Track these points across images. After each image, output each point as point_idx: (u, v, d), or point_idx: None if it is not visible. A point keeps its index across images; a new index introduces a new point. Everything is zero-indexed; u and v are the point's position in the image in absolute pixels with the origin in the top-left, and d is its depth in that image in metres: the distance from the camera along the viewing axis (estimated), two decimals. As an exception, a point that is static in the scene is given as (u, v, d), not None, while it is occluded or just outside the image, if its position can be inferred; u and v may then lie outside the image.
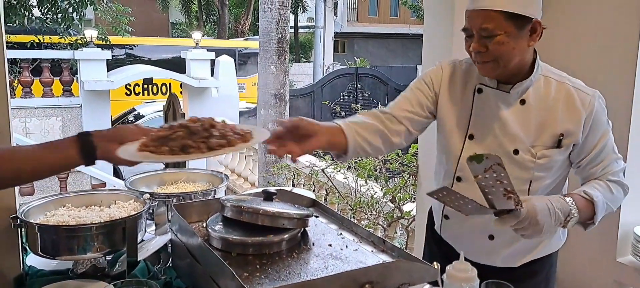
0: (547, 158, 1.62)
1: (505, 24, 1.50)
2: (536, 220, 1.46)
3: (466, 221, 1.70)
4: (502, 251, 1.75)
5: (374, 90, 12.70)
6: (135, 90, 12.58)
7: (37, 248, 1.62)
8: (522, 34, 1.53)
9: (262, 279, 1.41)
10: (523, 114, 1.63)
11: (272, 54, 5.03)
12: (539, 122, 1.62)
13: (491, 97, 1.65)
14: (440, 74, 1.76)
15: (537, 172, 1.64)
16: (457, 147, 1.71)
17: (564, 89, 1.62)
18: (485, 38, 1.52)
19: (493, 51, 1.53)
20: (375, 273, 1.38)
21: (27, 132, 8.09)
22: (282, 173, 4.48)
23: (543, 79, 1.64)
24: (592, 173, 1.67)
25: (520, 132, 1.63)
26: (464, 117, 1.70)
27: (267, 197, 1.77)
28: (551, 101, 1.62)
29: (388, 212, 3.22)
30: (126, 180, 2.09)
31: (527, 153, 1.62)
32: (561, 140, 1.60)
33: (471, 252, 1.71)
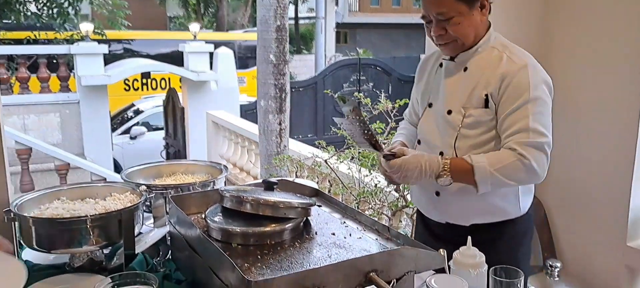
0: (473, 117, 1.76)
1: (456, 6, 1.68)
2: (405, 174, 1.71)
3: None
4: (449, 208, 1.87)
5: (377, 80, 12.61)
6: (134, 85, 12.55)
7: (32, 242, 1.58)
8: (474, 11, 1.71)
9: (263, 269, 1.36)
10: (464, 79, 1.79)
11: (270, 43, 4.95)
12: (472, 85, 1.77)
13: (445, 69, 1.86)
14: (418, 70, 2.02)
15: (464, 130, 1.78)
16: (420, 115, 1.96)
17: (499, 56, 1.75)
18: (443, 21, 1.70)
19: (452, 33, 1.72)
20: (379, 261, 1.34)
21: (26, 129, 8.05)
22: (284, 166, 4.43)
23: (490, 49, 1.78)
24: (503, 133, 1.72)
25: (456, 95, 1.80)
26: (426, 89, 1.94)
27: (267, 187, 1.72)
28: (484, 67, 1.76)
29: (392, 201, 3.17)
30: (122, 172, 2.04)
31: (459, 113, 1.78)
32: (487, 100, 1.73)
33: (424, 207, 1.98)
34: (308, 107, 11.68)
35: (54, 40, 9.95)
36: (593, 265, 2.55)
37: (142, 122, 10.57)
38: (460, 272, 1.35)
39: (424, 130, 1.92)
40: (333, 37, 20.88)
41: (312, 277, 1.26)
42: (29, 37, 9.87)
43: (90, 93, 8.41)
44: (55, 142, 8.12)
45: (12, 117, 7.98)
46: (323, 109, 11.58)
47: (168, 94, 8.27)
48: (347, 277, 1.29)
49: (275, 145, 5.15)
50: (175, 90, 8.30)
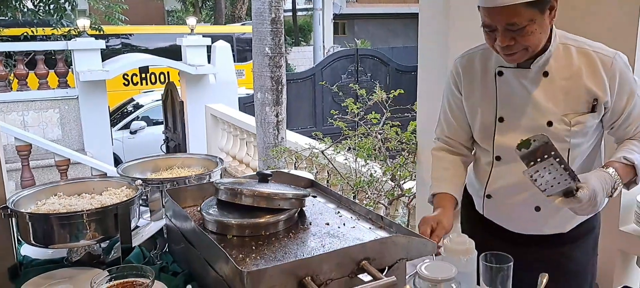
0: (582, 124, 1.62)
1: (530, 13, 1.48)
2: (595, 202, 1.47)
3: (511, 198, 1.75)
4: (549, 221, 1.75)
5: (375, 71, 12.59)
6: (133, 80, 12.54)
7: (29, 238, 1.60)
8: (545, 16, 1.52)
9: (258, 260, 1.39)
10: (548, 85, 1.63)
11: (266, 36, 4.95)
12: (565, 90, 1.62)
13: (513, 77, 1.66)
14: (454, 75, 1.80)
15: (574, 140, 1.64)
16: (490, 131, 1.73)
17: (584, 53, 1.61)
18: (513, 31, 1.50)
19: (523, 42, 1.52)
20: (372, 249, 1.36)
21: (25, 125, 8.06)
22: (282, 157, 4.45)
23: (562, 47, 1.63)
24: (627, 132, 1.67)
25: (550, 104, 1.63)
26: (490, 101, 1.71)
27: (262, 179, 1.74)
28: (574, 68, 1.61)
29: (388, 190, 3.19)
30: (119, 167, 2.06)
31: (561, 123, 1.62)
32: (595, 105, 1.60)
33: (517, 225, 1.79)
34: (306, 99, 11.68)
35: (51, 36, 9.93)
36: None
37: (141, 117, 10.57)
38: (451, 259, 1.37)
39: (509, 147, 1.60)
40: (331, 29, 20.80)
41: (305, 266, 1.28)
42: (27, 33, 9.85)
43: (89, 88, 8.40)
44: (55, 138, 8.13)
45: (11, 113, 7.99)
46: (322, 100, 11.58)
47: (167, 88, 8.25)
48: (339, 266, 1.32)
49: (273, 136, 5.17)
50: (174, 84, 8.28)
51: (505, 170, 1.72)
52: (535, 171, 1.38)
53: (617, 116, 1.65)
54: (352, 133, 3.45)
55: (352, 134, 3.44)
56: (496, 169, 1.75)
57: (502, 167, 1.73)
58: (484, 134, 1.75)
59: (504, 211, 1.80)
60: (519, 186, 1.69)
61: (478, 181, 1.84)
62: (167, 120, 8.32)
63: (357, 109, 3.50)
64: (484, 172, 1.79)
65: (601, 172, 1.55)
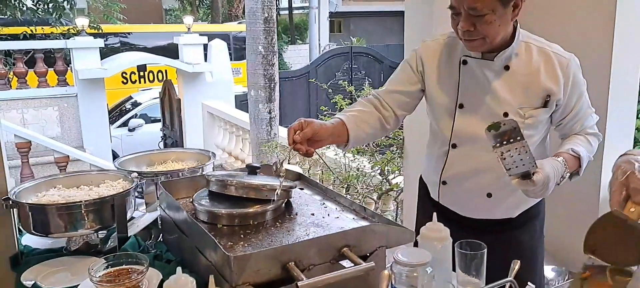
0: (534, 118, 1.74)
1: (492, 3, 1.58)
2: (547, 185, 1.59)
3: (465, 184, 1.85)
4: (499, 206, 1.86)
5: (369, 68, 12.68)
6: (131, 78, 12.60)
7: (30, 228, 1.68)
8: (507, 11, 1.62)
9: (246, 247, 1.46)
10: (508, 79, 1.74)
11: (259, 35, 5.04)
12: (524, 85, 1.73)
13: (476, 67, 1.75)
14: (416, 58, 1.86)
15: (526, 131, 1.70)
16: (449, 117, 1.82)
17: (544, 53, 1.74)
18: (474, 17, 1.60)
19: (481, 30, 1.61)
20: (352, 237, 1.44)
21: (25, 123, 8.13)
22: (274, 152, 4.53)
23: (524, 45, 1.74)
24: (573, 129, 1.82)
25: (508, 96, 1.73)
26: (452, 88, 1.80)
27: (251, 171, 1.82)
28: (533, 65, 1.72)
29: (377, 184, 3.28)
30: (115, 161, 2.14)
31: (516, 115, 1.72)
32: (548, 100, 1.72)
33: (470, 210, 1.90)
34: (301, 97, 11.78)
35: (50, 35, 10.00)
36: (567, 242, 2.65)
37: (139, 114, 10.65)
38: (426, 245, 1.44)
39: (466, 133, 1.79)
40: (327, 27, 20.82)
41: (289, 252, 1.36)
42: (26, 32, 9.91)
43: (88, 86, 8.48)
44: (54, 135, 8.21)
45: (11, 111, 8.07)
46: (316, 98, 11.66)
47: (164, 85, 8.34)
48: (321, 252, 1.40)
49: (266, 133, 5.27)
50: (171, 81, 8.37)
51: (461, 156, 1.82)
52: (506, 150, 1.47)
53: (566, 113, 1.78)
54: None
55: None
56: (452, 156, 1.84)
57: (458, 153, 1.83)
58: (442, 118, 1.84)
59: (458, 197, 1.90)
60: (474, 172, 1.81)
61: (433, 168, 1.93)
62: (164, 117, 8.40)
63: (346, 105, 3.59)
64: (440, 159, 1.88)
65: (553, 160, 1.67)
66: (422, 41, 1.90)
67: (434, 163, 1.93)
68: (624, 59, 2.41)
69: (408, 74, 1.88)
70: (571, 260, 2.62)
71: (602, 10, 2.39)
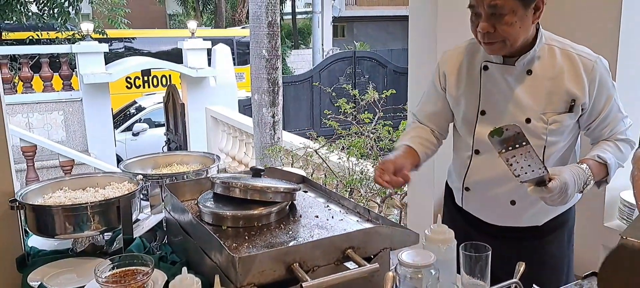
0: (559, 123, 1.68)
1: (512, 3, 1.54)
2: (565, 193, 1.53)
3: (488, 191, 1.82)
4: (524, 213, 1.81)
5: (373, 73, 12.71)
6: (136, 82, 12.67)
7: (36, 229, 1.69)
8: (528, 13, 1.57)
9: (250, 249, 1.47)
10: (531, 83, 1.69)
11: (263, 39, 5.06)
12: (547, 89, 1.68)
13: (498, 72, 1.71)
14: (437, 72, 1.86)
15: (550, 138, 1.70)
16: (471, 124, 1.79)
17: (568, 55, 1.68)
18: (493, 17, 1.56)
19: (501, 32, 1.57)
20: (356, 239, 1.44)
21: (30, 127, 8.17)
22: (278, 157, 4.54)
23: (547, 47, 1.69)
24: (602, 134, 1.75)
25: (530, 101, 1.69)
26: (473, 95, 1.77)
27: (255, 174, 1.83)
28: (557, 69, 1.67)
29: (380, 188, 3.28)
30: (121, 163, 2.15)
31: (539, 121, 1.68)
32: (573, 105, 1.66)
33: (494, 217, 1.86)
34: (304, 101, 11.82)
35: (55, 39, 10.07)
36: (572, 245, 2.65)
37: (144, 119, 10.69)
38: (431, 247, 1.45)
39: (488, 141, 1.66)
40: (330, 31, 20.88)
41: (293, 253, 1.37)
42: (31, 36, 9.99)
43: (93, 91, 8.52)
44: (59, 139, 8.25)
45: (16, 115, 8.11)
46: (319, 102, 11.70)
47: (168, 90, 8.38)
48: (325, 253, 1.40)
49: (269, 137, 5.28)
50: (175, 86, 8.41)
51: (484, 163, 1.79)
52: (511, 155, 1.45)
53: (594, 118, 1.72)
54: (345, 132, 3.54)
55: (345, 133, 3.53)
56: (475, 162, 1.82)
57: (481, 160, 1.80)
58: (465, 125, 1.82)
59: (482, 204, 1.87)
60: (496, 180, 1.77)
61: (457, 174, 1.91)
62: (168, 122, 8.44)
63: (350, 109, 3.60)
64: (463, 165, 1.86)
65: (575, 166, 1.62)
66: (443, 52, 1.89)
67: (457, 169, 1.91)
68: (628, 62, 2.41)
69: (435, 93, 1.89)
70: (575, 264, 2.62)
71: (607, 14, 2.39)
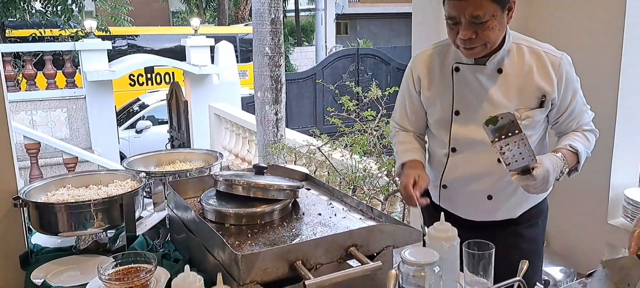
0: (531, 118, 1.74)
1: (492, 8, 1.58)
2: (547, 180, 1.58)
3: (465, 188, 1.85)
4: (501, 207, 1.86)
5: (376, 70, 12.69)
6: (139, 80, 12.68)
7: (39, 227, 1.70)
8: (504, 14, 1.63)
9: (253, 246, 1.47)
10: (502, 82, 1.74)
11: (265, 36, 5.06)
12: (518, 86, 1.73)
13: (469, 73, 1.76)
14: (411, 75, 1.90)
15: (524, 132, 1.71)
16: (446, 123, 1.83)
17: (535, 53, 1.74)
18: (474, 25, 1.60)
19: (483, 37, 1.62)
20: (359, 237, 1.44)
21: (34, 124, 8.19)
22: (281, 154, 4.54)
23: (515, 46, 1.75)
24: (569, 127, 1.82)
25: (503, 99, 1.73)
26: (447, 96, 1.81)
27: (258, 171, 1.83)
28: (526, 66, 1.73)
29: (383, 185, 3.28)
30: (124, 161, 2.15)
31: None
32: (543, 101, 1.72)
33: (471, 213, 1.90)
34: (307, 98, 11.81)
35: (58, 37, 10.09)
36: (575, 242, 2.65)
37: (147, 116, 10.71)
38: (434, 245, 1.45)
39: (464, 139, 1.80)
40: (333, 29, 20.86)
41: (296, 251, 1.36)
42: (35, 34, 10.01)
43: (96, 88, 8.54)
44: (62, 136, 8.27)
45: (20, 113, 8.13)
46: (322, 99, 11.69)
47: (171, 87, 8.37)
48: (328, 251, 1.40)
49: (272, 134, 5.28)
50: (178, 84, 8.41)
51: (461, 161, 1.83)
52: (505, 144, 1.46)
53: (562, 112, 1.78)
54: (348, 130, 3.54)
55: (348, 131, 3.53)
56: (452, 160, 1.85)
57: (458, 158, 1.84)
58: (440, 125, 1.86)
59: (459, 200, 1.90)
60: (474, 176, 1.82)
61: (434, 172, 1.94)
62: (171, 119, 8.44)
63: (353, 107, 3.60)
64: (440, 164, 1.89)
65: (552, 155, 1.68)
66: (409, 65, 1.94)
67: (434, 168, 1.94)
68: (633, 61, 2.41)
69: (410, 97, 1.93)
70: (579, 261, 2.62)
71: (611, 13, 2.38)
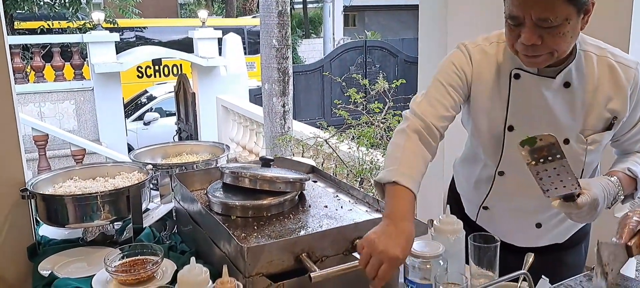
0: (598, 143, 1.48)
1: (568, 11, 1.27)
2: (595, 209, 1.34)
3: (511, 214, 1.65)
4: (548, 235, 1.67)
5: (384, 62, 12.65)
6: (147, 72, 12.71)
7: (47, 218, 1.71)
8: (579, 19, 1.31)
9: (259, 238, 1.47)
10: (568, 97, 1.45)
11: (273, 28, 5.06)
12: (586, 104, 1.45)
13: (531, 83, 1.45)
14: (469, 62, 1.51)
15: (588, 158, 1.50)
16: (497, 140, 1.53)
17: (606, 63, 1.45)
18: (543, 28, 1.29)
19: (550, 44, 1.31)
20: (365, 229, 1.42)
21: (42, 116, 8.25)
22: (288, 146, 4.55)
23: (583, 54, 1.44)
24: (632, 147, 1.56)
25: (568, 119, 1.46)
26: (500, 106, 1.50)
27: (264, 164, 1.83)
28: (595, 80, 1.44)
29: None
30: (131, 153, 2.16)
31: (578, 141, 1.47)
32: (613, 123, 1.46)
33: (514, 238, 1.66)
34: (315, 91, 11.80)
35: (67, 29, 10.13)
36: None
37: (155, 108, 10.74)
38: (439, 238, 1.45)
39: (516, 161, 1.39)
40: (341, 21, 20.78)
41: (301, 243, 1.37)
42: (43, 26, 10.05)
43: (104, 80, 8.57)
44: (70, 128, 8.31)
45: (28, 105, 8.18)
46: (330, 91, 11.67)
47: (179, 79, 8.38)
48: (333, 243, 1.40)
49: (280, 126, 5.29)
50: (186, 75, 8.42)
51: (509, 185, 1.58)
52: (543, 169, 1.27)
53: (627, 129, 1.52)
54: (356, 122, 3.54)
55: (355, 123, 3.52)
56: (498, 184, 1.60)
57: (505, 182, 1.58)
58: (488, 141, 1.56)
59: (501, 224, 1.66)
60: (521, 202, 1.59)
61: (473, 189, 1.70)
62: (179, 111, 8.45)
63: (361, 99, 3.59)
64: (482, 184, 1.65)
65: (605, 180, 1.42)
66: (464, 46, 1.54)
67: (473, 185, 1.69)
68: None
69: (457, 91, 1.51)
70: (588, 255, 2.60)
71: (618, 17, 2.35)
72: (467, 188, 1.75)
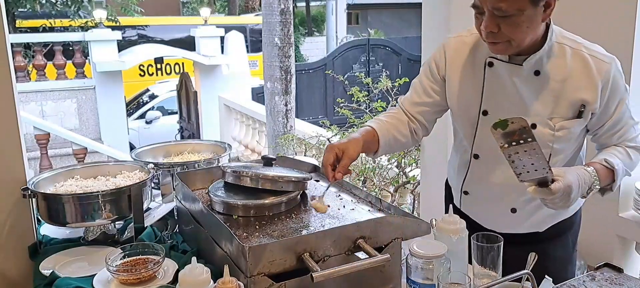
0: (567, 130, 1.56)
1: (519, 3, 1.39)
2: (568, 197, 1.42)
3: (487, 198, 1.73)
4: (525, 222, 1.73)
5: (387, 61, 12.64)
6: (149, 70, 12.72)
7: (48, 217, 1.70)
8: (537, 11, 1.42)
9: (261, 238, 1.46)
10: (538, 85, 1.56)
11: (275, 27, 5.06)
12: (555, 93, 1.55)
13: (503, 70, 1.58)
14: (443, 55, 1.70)
15: (556, 145, 1.58)
16: (472, 124, 1.66)
17: (580, 56, 1.54)
18: (498, 17, 1.42)
19: (506, 32, 1.43)
20: (367, 229, 1.43)
21: (44, 115, 8.25)
22: (291, 145, 4.55)
23: (557, 46, 1.55)
24: (610, 141, 1.63)
25: (537, 105, 1.56)
26: (475, 92, 1.63)
27: (266, 163, 1.82)
28: (567, 70, 1.53)
29: (393, 177, 3.26)
30: (132, 152, 2.16)
31: (546, 126, 1.56)
32: (582, 111, 1.54)
33: (492, 223, 1.74)
34: (318, 89, 11.78)
35: (68, 27, 10.15)
36: (586, 235, 2.61)
37: (157, 107, 10.75)
38: (442, 238, 1.44)
39: (488, 145, 1.57)
40: (344, 19, 20.77)
41: (303, 242, 1.36)
42: (45, 25, 10.07)
43: (106, 79, 8.57)
44: (72, 127, 8.31)
45: (30, 103, 8.19)
46: (333, 90, 11.65)
47: (181, 78, 8.39)
48: (336, 243, 1.39)
49: (282, 125, 5.29)
50: (188, 74, 8.43)
51: (483, 169, 1.69)
52: (515, 152, 1.33)
53: (603, 122, 1.60)
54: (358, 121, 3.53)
55: (358, 122, 3.52)
56: (473, 167, 1.72)
57: (480, 165, 1.70)
58: (465, 125, 1.69)
59: (480, 209, 1.78)
60: (496, 187, 1.68)
61: (456, 176, 1.82)
62: (181, 110, 8.46)
63: (363, 98, 3.58)
64: (462, 167, 1.77)
65: (581, 169, 1.51)
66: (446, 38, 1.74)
67: (456, 170, 1.82)
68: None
69: (430, 80, 1.73)
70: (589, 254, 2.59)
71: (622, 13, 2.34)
72: (452, 175, 1.87)
